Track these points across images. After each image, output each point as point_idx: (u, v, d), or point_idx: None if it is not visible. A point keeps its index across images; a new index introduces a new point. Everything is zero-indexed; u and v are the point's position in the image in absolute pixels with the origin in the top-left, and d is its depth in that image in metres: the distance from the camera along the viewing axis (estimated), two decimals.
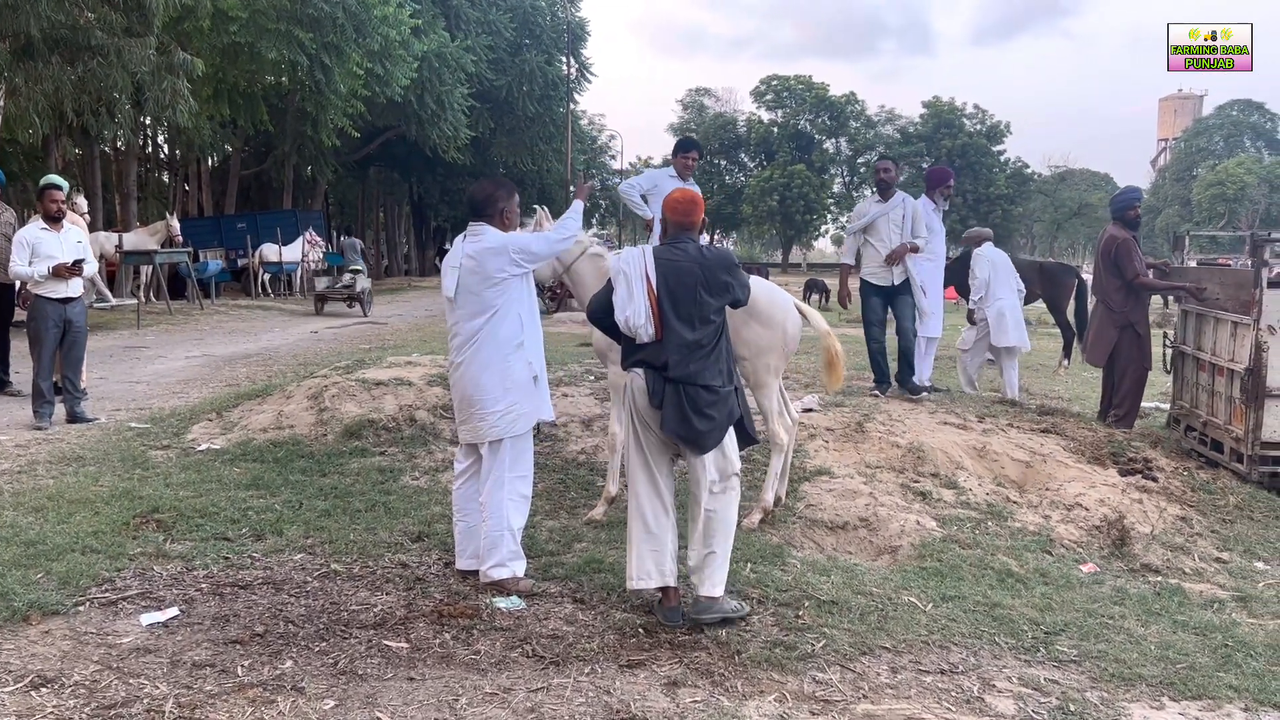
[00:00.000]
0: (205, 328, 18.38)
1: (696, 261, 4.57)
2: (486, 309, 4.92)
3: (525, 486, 5.10)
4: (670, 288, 4.53)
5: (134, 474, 6.62)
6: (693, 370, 4.50)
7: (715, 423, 4.53)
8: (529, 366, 5.00)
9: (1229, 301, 7.77)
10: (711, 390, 4.52)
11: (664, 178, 8.41)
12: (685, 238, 4.71)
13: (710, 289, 4.55)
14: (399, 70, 27.85)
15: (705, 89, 78.35)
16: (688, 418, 4.49)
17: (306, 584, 4.94)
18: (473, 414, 5.02)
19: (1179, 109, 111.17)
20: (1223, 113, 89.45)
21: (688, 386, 4.49)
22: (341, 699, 3.79)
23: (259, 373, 12.15)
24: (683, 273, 4.55)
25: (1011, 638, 4.72)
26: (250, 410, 8.07)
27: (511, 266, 4.92)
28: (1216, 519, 6.70)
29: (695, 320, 4.53)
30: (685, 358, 4.50)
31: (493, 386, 4.93)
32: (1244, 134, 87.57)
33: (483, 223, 5.02)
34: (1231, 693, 4.26)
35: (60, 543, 5.19)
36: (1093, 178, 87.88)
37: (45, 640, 4.19)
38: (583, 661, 4.21)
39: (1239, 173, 75.41)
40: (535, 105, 42.55)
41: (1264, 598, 5.53)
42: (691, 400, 4.49)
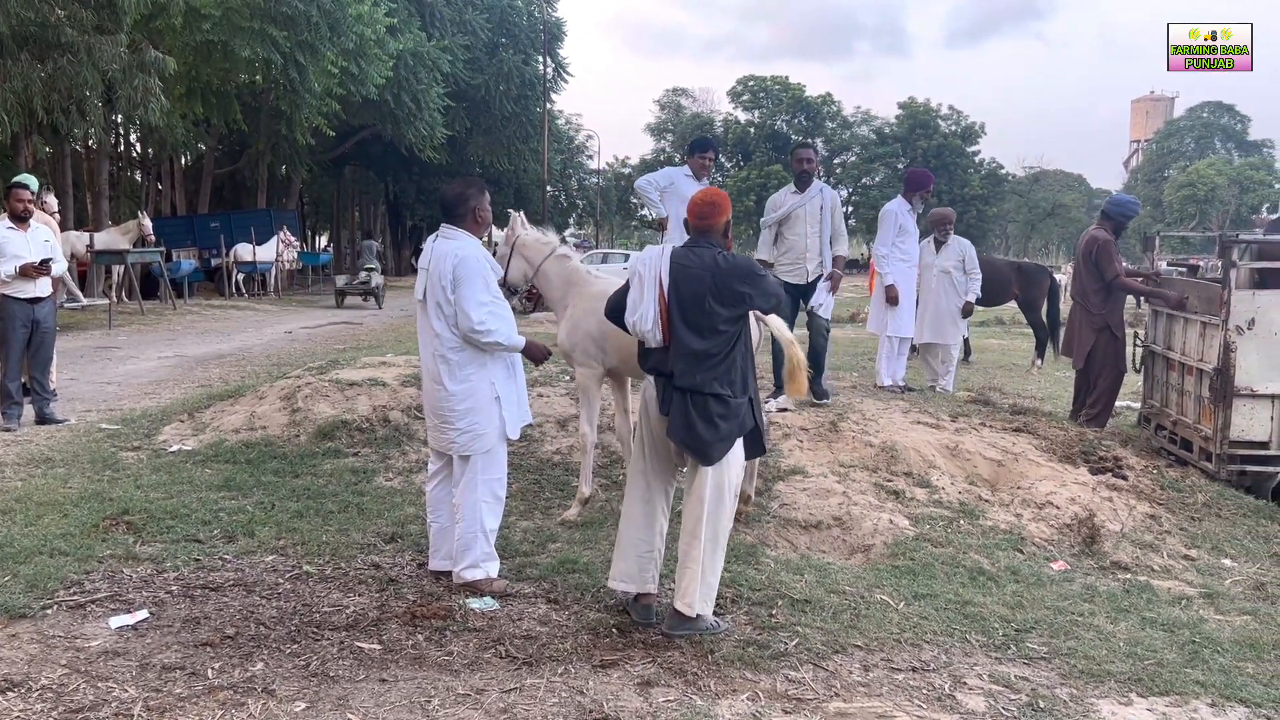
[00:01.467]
0: (178, 328, 18.23)
1: (709, 269, 4.37)
2: (446, 316, 4.87)
3: (500, 489, 5.09)
4: (681, 294, 4.37)
5: (104, 475, 6.56)
6: (700, 380, 4.33)
7: (720, 433, 4.36)
8: (492, 386, 4.95)
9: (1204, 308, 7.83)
10: (721, 400, 4.35)
11: (680, 176, 8.43)
12: (704, 241, 4.51)
13: (721, 298, 4.35)
14: (374, 69, 27.70)
15: (682, 89, 78.61)
16: (694, 426, 4.34)
17: (278, 586, 4.91)
18: (439, 425, 5.03)
19: (1151, 110, 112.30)
20: (1194, 114, 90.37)
21: (695, 395, 4.34)
22: (313, 701, 3.78)
23: (232, 373, 12.07)
24: (694, 280, 4.37)
25: (983, 635, 4.75)
26: (222, 411, 8.01)
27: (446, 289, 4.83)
28: (1185, 517, 6.77)
29: (704, 329, 4.35)
30: (692, 366, 4.34)
31: (456, 403, 4.92)
32: (1214, 135, 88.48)
33: (455, 225, 5.00)
34: (1198, 688, 4.31)
35: (27, 545, 5.13)
36: (1066, 179, 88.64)
37: (11, 644, 4.15)
38: (556, 662, 4.21)
39: (1210, 174, 76.23)
40: (512, 105, 42.43)
41: (1231, 594, 5.60)
42: (700, 409, 4.33)
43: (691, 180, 8.42)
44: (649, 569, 4.57)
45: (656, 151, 75.26)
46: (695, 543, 4.41)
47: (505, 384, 5.02)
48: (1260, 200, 75.64)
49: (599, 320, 5.48)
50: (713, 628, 4.47)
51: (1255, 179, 76.10)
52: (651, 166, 74.10)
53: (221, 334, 17.36)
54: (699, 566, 4.39)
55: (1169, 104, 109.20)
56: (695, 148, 8.78)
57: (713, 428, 4.32)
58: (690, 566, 4.40)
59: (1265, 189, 76.11)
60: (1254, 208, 74.59)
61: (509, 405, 5.03)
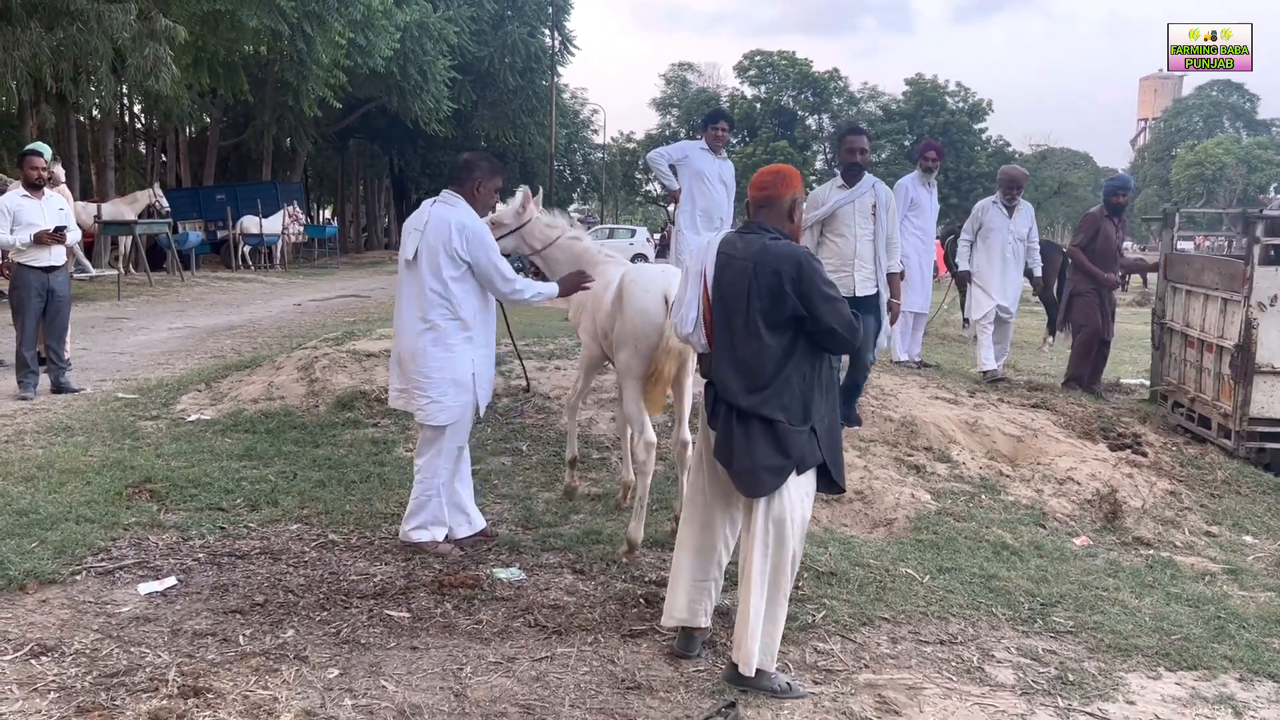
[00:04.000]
0: (186, 299, 18.21)
1: (752, 257, 3.64)
2: (439, 281, 4.81)
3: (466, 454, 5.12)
4: (722, 289, 3.70)
5: (124, 444, 6.56)
6: (747, 397, 3.64)
7: (766, 463, 3.63)
8: (471, 363, 4.90)
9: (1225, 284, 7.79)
10: (770, 426, 3.62)
11: (695, 149, 8.37)
12: (758, 224, 3.78)
13: (761, 294, 3.61)
14: (381, 40, 27.53)
15: (688, 64, 77.93)
16: (734, 450, 3.68)
17: (304, 554, 4.92)
18: (407, 387, 4.98)
19: (1159, 89, 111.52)
20: (1202, 93, 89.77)
21: (743, 414, 3.66)
22: (345, 668, 3.78)
23: (244, 345, 12.05)
24: (736, 270, 3.66)
25: (1008, 609, 4.75)
26: (240, 381, 8.00)
27: (452, 253, 4.78)
28: (1205, 493, 6.77)
29: (744, 334, 3.65)
30: (732, 378, 3.68)
31: (433, 370, 4.86)
32: (1223, 114, 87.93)
33: (456, 192, 4.96)
34: (1226, 663, 4.31)
35: (53, 512, 5.14)
36: (1073, 157, 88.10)
37: (43, 609, 4.15)
38: (585, 631, 4.21)
39: (1217, 153, 75.80)
40: (517, 78, 42.17)
41: (1254, 570, 5.60)
42: (744, 431, 3.64)
43: (708, 154, 8.35)
44: (702, 602, 3.98)
45: (662, 126, 74.77)
46: (748, 588, 3.73)
47: (484, 363, 5.00)
48: (1268, 180, 75.29)
49: (594, 298, 5.41)
50: (781, 689, 3.73)
51: (1263, 158, 75.66)
52: (657, 141, 73.69)
53: (230, 306, 17.34)
54: (753, 616, 3.71)
55: (1177, 82, 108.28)
56: (709, 120, 8.71)
57: (757, 456, 3.63)
58: (744, 616, 3.73)
59: (1273, 168, 75.69)
60: (1262, 187, 74.26)
61: (483, 383, 5.01)
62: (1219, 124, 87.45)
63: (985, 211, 9.55)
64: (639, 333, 4.91)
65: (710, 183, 8.35)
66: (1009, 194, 9.47)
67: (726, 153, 8.73)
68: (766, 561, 3.74)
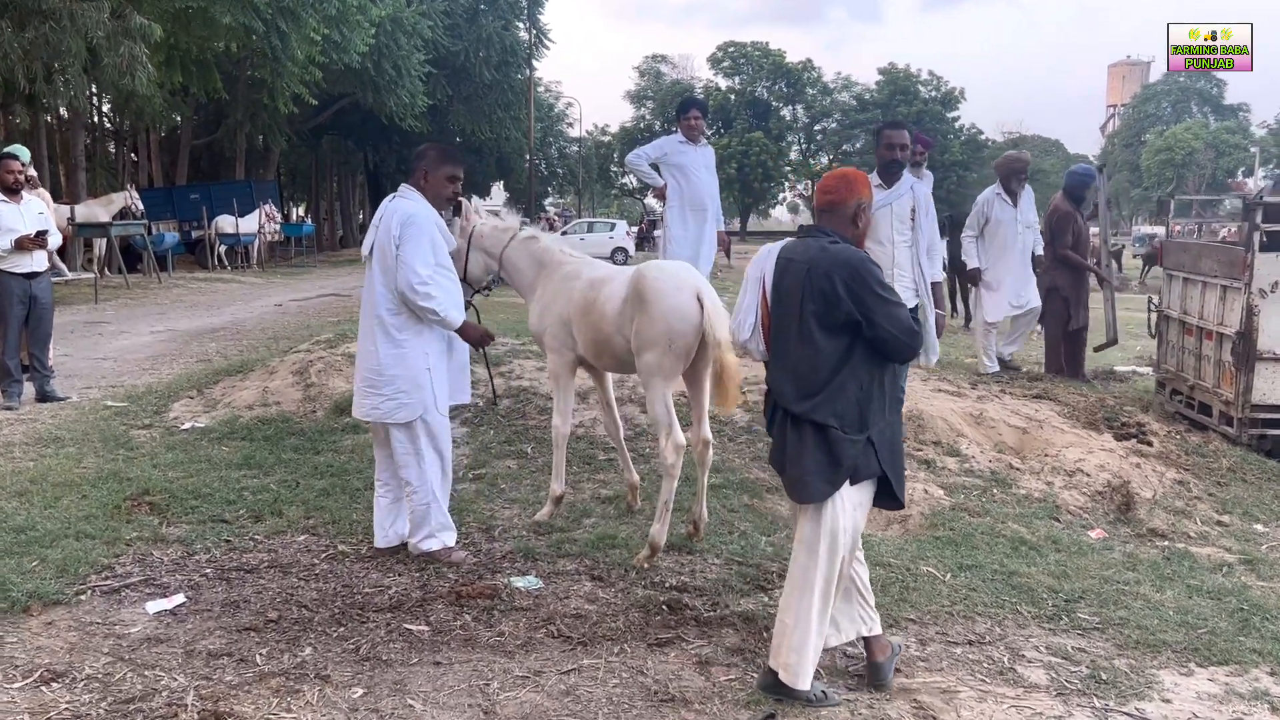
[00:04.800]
0: (165, 302, 17.93)
1: (809, 260, 3.59)
2: (387, 276, 4.72)
3: (446, 457, 4.95)
4: (780, 293, 3.66)
5: (118, 454, 6.39)
6: (800, 403, 3.59)
7: (817, 471, 3.57)
8: (425, 356, 4.79)
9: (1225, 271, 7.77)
10: (824, 432, 3.55)
11: (673, 144, 8.23)
12: (819, 228, 3.73)
13: (814, 295, 3.55)
14: (356, 36, 27.21)
15: (662, 56, 77.97)
16: (786, 452, 3.64)
17: (314, 566, 4.79)
18: (364, 389, 4.87)
19: (1127, 75, 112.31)
20: (1170, 79, 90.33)
21: (796, 419, 3.61)
22: (369, 686, 3.67)
23: (229, 347, 11.86)
24: (793, 274, 3.63)
25: (1033, 606, 4.70)
26: (233, 387, 7.84)
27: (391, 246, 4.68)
28: (1212, 482, 6.75)
29: (796, 336, 3.60)
30: (786, 382, 3.63)
31: (387, 368, 4.77)
32: (1191, 100, 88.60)
33: (410, 185, 4.88)
34: (1256, 656, 4.28)
35: (51, 529, 4.98)
36: (1044, 144, 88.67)
37: (49, 632, 4.01)
38: (610, 641, 4.12)
39: (1186, 138, 76.41)
40: (493, 72, 41.87)
41: (1269, 560, 5.58)
42: (797, 437, 3.60)
43: (686, 147, 8.18)
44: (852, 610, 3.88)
45: (636, 119, 74.73)
46: (792, 595, 3.69)
47: (439, 357, 4.85)
48: (1236, 164, 76.02)
49: (568, 302, 5.28)
50: (816, 698, 3.63)
51: (1230, 142, 76.38)
52: (632, 134, 73.60)
53: (210, 307, 17.08)
54: (792, 623, 3.64)
55: (1145, 69, 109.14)
56: (682, 109, 8.56)
57: (806, 462, 3.58)
58: (785, 624, 3.67)
59: (1240, 153, 76.42)
60: (1230, 171, 75.02)
61: (439, 379, 4.85)
62: (1187, 109, 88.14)
63: (991, 205, 9.20)
64: (674, 332, 4.77)
65: (693, 174, 8.23)
66: (1019, 182, 9.20)
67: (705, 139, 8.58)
68: (815, 571, 3.64)
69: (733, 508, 5.68)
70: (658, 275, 4.94)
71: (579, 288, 5.30)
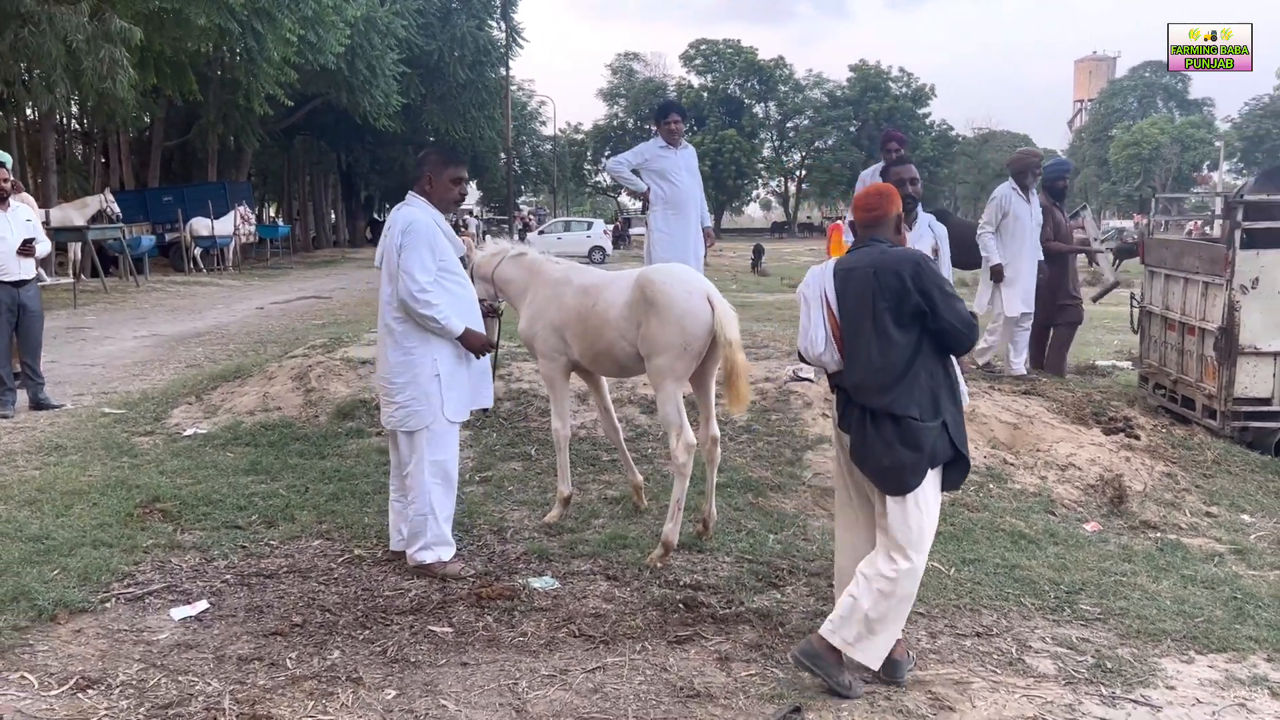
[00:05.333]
0: (145, 306, 17.83)
1: (872, 264, 3.84)
2: (393, 283, 4.77)
3: (450, 469, 4.93)
4: (847, 303, 3.88)
5: (123, 462, 6.42)
6: (880, 397, 3.80)
7: (903, 460, 3.77)
8: (434, 363, 4.79)
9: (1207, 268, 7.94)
10: (903, 423, 3.76)
11: (652, 150, 8.24)
12: (870, 240, 3.98)
13: (886, 295, 3.78)
14: (332, 36, 27.10)
15: (634, 53, 77.90)
16: (870, 445, 3.83)
17: (332, 570, 4.85)
18: (381, 397, 4.95)
19: (1094, 70, 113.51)
20: (1136, 74, 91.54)
21: (875, 414, 3.82)
22: (401, 688, 3.75)
23: (217, 352, 11.85)
24: (858, 281, 3.86)
25: (1036, 598, 4.84)
26: (231, 392, 7.86)
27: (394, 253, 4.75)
28: (1198, 474, 6.92)
29: (871, 335, 3.81)
30: (868, 381, 3.83)
31: (395, 375, 4.82)
32: (1156, 95, 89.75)
33: (415, 192, 4.94)
34: (1252, 644, 4.43)
35: (67, 537, 5.01)
36: (1013, 139, 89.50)
37: (79, 640, 4.06)
38: (631, 639, 4.21)
39: (1153, 132, 77.38)
40: (467, 71, 41.77)
41: (1258, 550, 5.75)
42: (879, 430, 3.81)
43: (666, 151, 8.13)
44: None
45: (609, 117, 74.76)
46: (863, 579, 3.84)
47: (451, 363, 4.84)
48: (1201, 158, 77.07)
49: (559, 309, 5.37)
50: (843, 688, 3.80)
51: (1195, 137, 77.42)
52: (605, 133, 73.68)
53: (192, 311, 17.01)
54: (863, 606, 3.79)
55: (1111, 64, 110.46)
56: (660, 113, 8.51)
57: (894, 453, 3.78)
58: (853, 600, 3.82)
59: (1205, 147, 77.50)
60: (1195, 165, 76.06)
61: (452, 386, 4.84)
62: (1153, 104, 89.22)
63: (1009, 200, 9.06)
64: (689, 335, 4.88)
65: (675, 177, 8.22)
66: (1032, 177, 9.15)
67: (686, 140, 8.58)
68: (903, 560, 3.81)
69: (738, 506, 5.79)
70: (667, 280, 5.02)
71: (570, 294, 5.38)
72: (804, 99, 74.25)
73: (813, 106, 73.27)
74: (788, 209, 79.18)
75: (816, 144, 73.25)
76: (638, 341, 5.05)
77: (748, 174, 72.26)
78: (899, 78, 72.79)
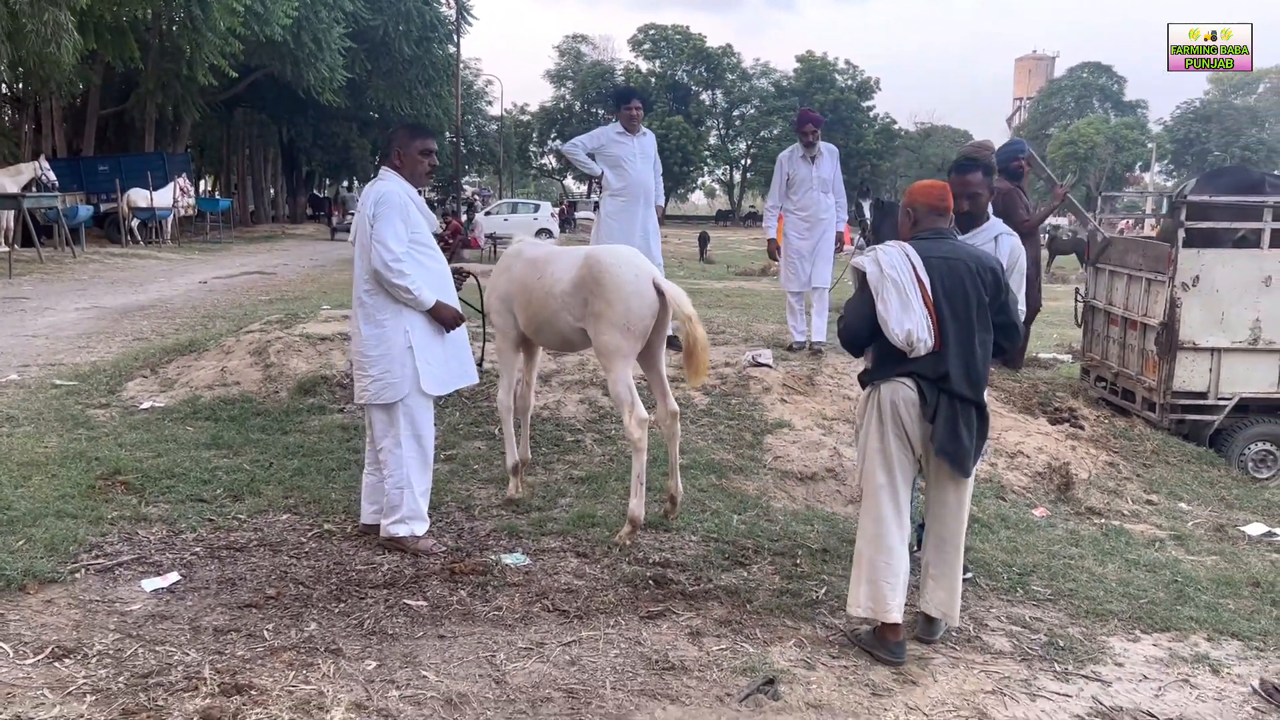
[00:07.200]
0: (84, 277, 17.41)
1: (972, 258, 4.07)
2: (364, 257, 4.77)
3: (426, 444, 4.94)
4: (947, 290, 3.99)
5: (79, 434, 6.32)
6: (976, 387, 4.04)
7: (982, 441, 4.15)
8: (406, 335, 4.79)
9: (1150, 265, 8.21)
10: (981, 409, 4.09)
11: (610, 135, 8.25)
12: (944, 229, 4.18)
13: (987, 288, 4.03)
14: (279, 8, 26.57)
15: (582, 35, 77.53)
16: (959, 435, 4.02)
17: (303, 545, 4.86)
18: (355, 371, 4.94)
19: (1033, 69, 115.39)
20: (1074, 74, 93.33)
21: (964, 402, 4.02)
22: (381, 659, 3.79)
23: (164, 325, 11.65)
24: (956, 271, 4.01)
25: (990, 579, 5.02)
26: (187, 366, 7.76)
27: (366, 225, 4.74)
28: (1138, 464, 7.21)
29: (975, 325, 4.02)
30: (968, 372, 4.01)
31: (368, 349, 4.81)
32: (1093, 95, 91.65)
33: (387, 167, 4.94)
34: (1193, 624, 4.66)
35: (29, 508, 4.95)
36: (954, 134, 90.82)
37: (50, 610, 4.03)
38: (605, 614, 4.29)
39: (1089, 132, 79.00)
40: (413, 47, 41.14)
41: (1195, 536, 6.02)
42: (966, 416, 4.03)
43: (624, 137, 8.09)
44: (903, 594, 4.17)
45: (556, 99, 74.37)
46: (956, 554, 4.26)
47: (424, 334, 4.84)
48: (1134, 159, 78.95)
49: (509, 280, 5.46)
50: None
51: (1129, 137, 79.21)
52: (551, 114, 73.30)
53: (133, 284, 16.65)
54: (957, 578, 4.27)
55: (1050, 63, 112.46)
56: (621, 99, 8.52)
57: (976, 436, 4.08)
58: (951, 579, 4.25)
59: (1139, 148, 79.36)
60: (1128, 165, 77.91)
61: (426, 358, 4.84)
62: (1089, 104, 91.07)
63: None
64: (634, 314, 4.98)
65: (630, 165, 8.21)
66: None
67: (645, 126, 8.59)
68: (963, 529, 4.28)
69: (702, 488, 5.90)
70: (614, 260, 5.12)
71: (519, 266, 5.48)
72: (751, 88, 74.59)
73: (759, 96, 73.63)
74: (732, 197, 79.54)
75: (762, 133, 73.60)
76: (584, 319, 5.14)
77: (694, 161, 72.41)
78: (845, 70, 73.45)
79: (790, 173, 8.81)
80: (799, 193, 8.78)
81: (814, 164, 8.72)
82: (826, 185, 8.71)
